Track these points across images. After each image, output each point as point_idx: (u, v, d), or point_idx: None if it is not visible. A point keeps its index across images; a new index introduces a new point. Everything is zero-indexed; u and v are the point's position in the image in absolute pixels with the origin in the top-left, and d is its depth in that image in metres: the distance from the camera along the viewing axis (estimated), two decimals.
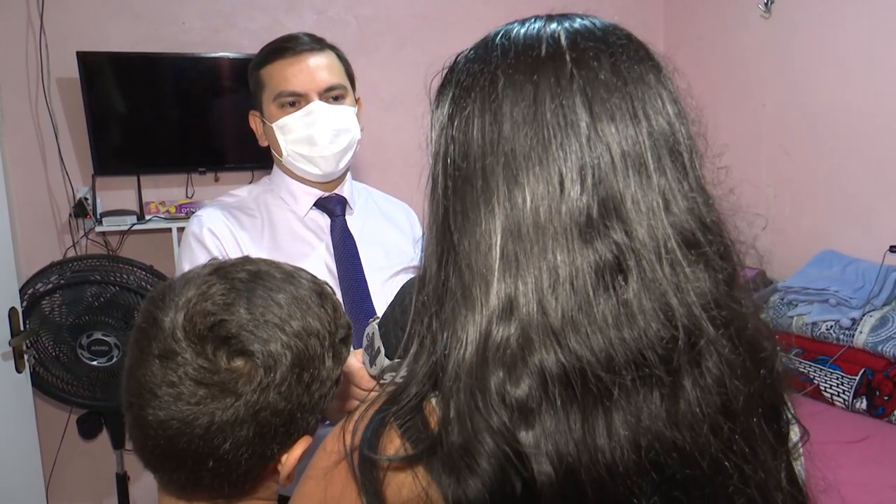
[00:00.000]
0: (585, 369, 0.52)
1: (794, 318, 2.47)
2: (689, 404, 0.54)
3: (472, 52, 0.62)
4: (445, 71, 0.63)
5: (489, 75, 0.58)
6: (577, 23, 0.60)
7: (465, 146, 0.57)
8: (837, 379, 2.33)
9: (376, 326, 0.93)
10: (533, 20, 0.61)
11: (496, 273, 0.54)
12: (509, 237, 0.54)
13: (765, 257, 0.64)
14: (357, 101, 1.40)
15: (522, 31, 0.60)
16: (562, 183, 0.54)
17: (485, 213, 0.55)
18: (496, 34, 0.61)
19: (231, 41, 2.85)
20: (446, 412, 0.55)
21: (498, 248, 0.54)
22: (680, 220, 0.55)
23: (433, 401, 0.58)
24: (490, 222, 0.55)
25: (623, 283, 0.53)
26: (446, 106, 0.60)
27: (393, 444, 0.56)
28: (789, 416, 0.63)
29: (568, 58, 0.56)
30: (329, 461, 0.60)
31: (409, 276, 1.40)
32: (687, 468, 0.54)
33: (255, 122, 1.39)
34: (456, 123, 0.58)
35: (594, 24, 0.60)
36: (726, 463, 0.55)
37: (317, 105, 1.30)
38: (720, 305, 0.56)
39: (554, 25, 0.59)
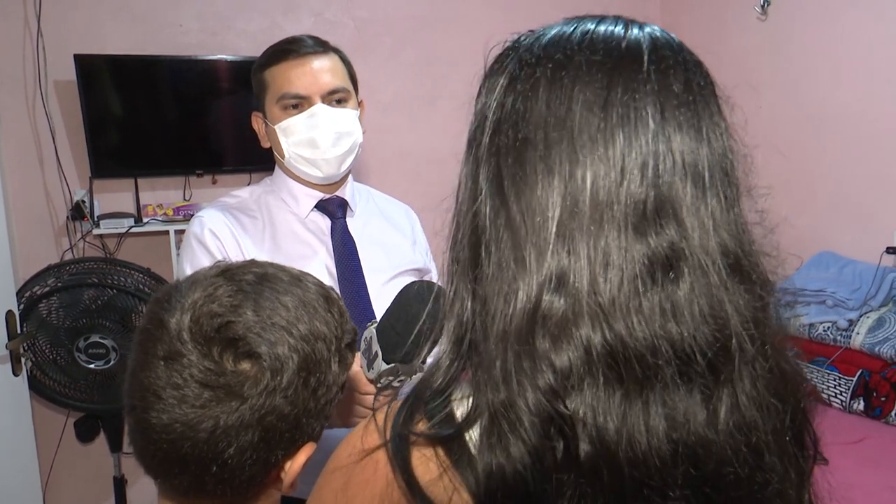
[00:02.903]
0: (630, 353, 0.53)
1: (791, 320, 2.48)
2: (729, 411, 0.55)
3: (539, 32, 0.62)
4: (506, 47, 0.63)
5: (564, 52, 0.58)
6: (658, 32, 0.61)
7: (528, 111, 0.57)
8: (835, 380, 2.34)
9: (374, 330, 0.93)
10: (611, 20, 0.61)
11: (551, 244, 0.55)
12: (566, 211, 0.55)
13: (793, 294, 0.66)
14: (360, 103, 1.40)
15: (602, 27, 0.60)
16: (623, 171, 0.55)
17: (543, 183, 0.56)
18: (569, 24, 0.61)
19: (228, 43, 2.85)
20: (484, 374, 0.56)
21: (555, 221, 0.55)
22: (726, 241, 0.56)
23: (460, 394, 0.59)
24: (549, 192, 0.56)
25: (673, 282, 0.54)
26: (506, 72, 0.60)
27: (420, 427, 0.58)
28: (812, 446, 0.64)
29: (646, 59, 0.57)
30: (351, 458, 0.60)
31: (410, 278, 1.40)
32: (721, 468, 0.55)
33: (257, 123, 1.40)
34: (520, 87, 0.58)
35: (671, 37, 0.61)
36: (758, 478, 0.56)
37: (320, 108, 1.30)
38: (759, 324, 0.57)
39: (636, 30, 0.60)
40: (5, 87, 2.58)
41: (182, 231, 2.44)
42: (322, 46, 1.33)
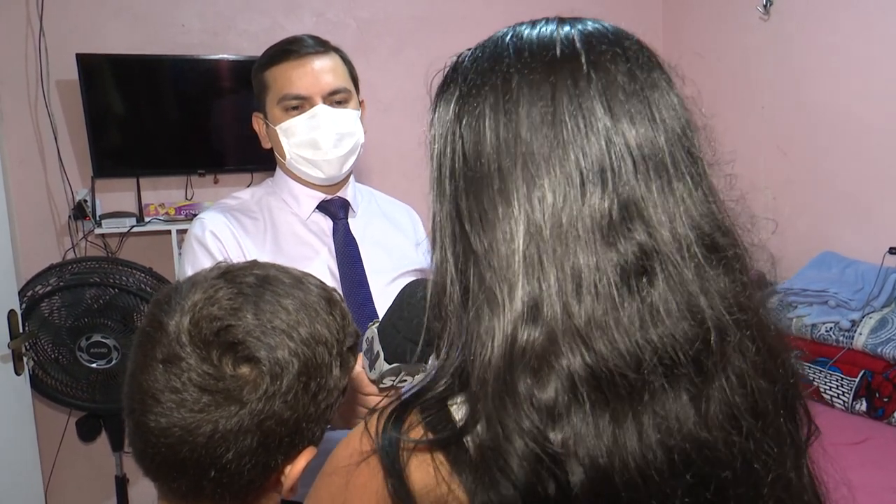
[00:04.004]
0: (613, 372, 0.52)
1: (794, 320, 2.47)
2: (719, 405, 0.54)
3: (478, 51, 0.61)
4: (448, 70, 0.62)
5: (502, 74, 0.57)
6: (590, 26, 0.59)
7: (477, 146, 0.56)
8: (837, 381, 2.33)
9: (376, 330, 0.92)
10: (543, 22, 0.60)
11: (519, 275, 0.54)
12: (531, 239, 0.54)
13: (771, 259, 0.65)
14: (361, 103, 1.40)
15: (535, 32, 0.59)
16: (583, 185, 0.53)
17: (504, 215, 0.55)
18: (505, 35, 0.60)
19: (230, 43, 2.85)
20: (473, 413, 0.55)
21: (520, 251, 0.54)
22: (699, 223, 0.55)
23: (458, 399, 0.58)
24: (510, 223, 0.54)
25: (648, 285, 0.53)
26: (452, 104, 0.59)
27: (415, 433, 0.57)
28: (803, 415, 0.63)
29: (584, 59, 0.56)
30: (352, 459, 0.60)
31: (412, 279, 1.39)
32: (719, 469, 0.54)
33: (258, 123, 1.39)
34: (465, 121, 0.57)
35: (605, 27, 0.60)
36: (756, 465, 0.55)
37: (321, 109, 1.30)
38: (742, 308, 0.56)
39: (567, 28, 0.59)
40: (7, 86, 2.58)
41: (184, 230, 2.44)
42: (323, 46, 1.33)
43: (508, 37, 0.60)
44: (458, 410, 0.57)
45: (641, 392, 0.52)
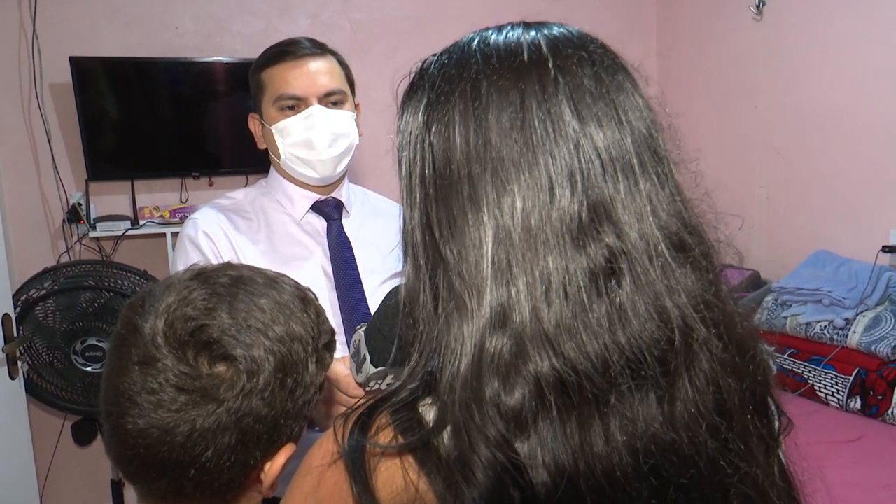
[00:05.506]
0: (581, 376, 0.52)
1: (788, 319, 2.48)
2: (685, 404, 0.54)
3: (445, 57, 0.61)
4: (414, 76, 0.63)
5: (470, 81, 0.57)
6: (555, 30, 0.60)
7: (446, 153, 0.57)
8: (832, 379, 2.34)
9: (363, 334, 0.92)
10: (510, 27, 0.61)
11: (488, 282, 0.54)
12: (500, 245, 0.54)
13: (747, 255, 0.64)
14: (356, 106, 1.40)
15: (501, 38, 0.60)
16: (552, 189, 0.54)
17: (473, 221, 0.55)
18: (471, 40, 0.61)
19: (224, 46, 2.85)
20: (441, 420, 0.55)
21: (489, 257, 0.54)
22: (666, 223, 0.56)
23: (429, 400, 0.58)
24: (479, 230, 0.55)
25: (616, 287, 0.54)
26: (420, 112, 0.60)
27: (384, 436, 0.57)
28: (774, 408, 0.63)
29: (551, 64, 0.57)
30: (324, 460, 0.60)
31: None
32: (684, 470, 0.54)
33: (254, 124, 1.40)
34: (434, 129, 0.58)
35: (570, 32, 0.61)
36: (723, 462, 0.56)
37: (316, 109, 1.30)
38: (710, 306, 0.56)
39: (533, 33, 0.59)
40: (0, 89, 2.58)
41: (180, 231, 2.43)
42: (320, 48, 1.34)
43: (475, 42, 0.60)
44: (429, 412, 0.57)
45: (608, 395, 0.52)
